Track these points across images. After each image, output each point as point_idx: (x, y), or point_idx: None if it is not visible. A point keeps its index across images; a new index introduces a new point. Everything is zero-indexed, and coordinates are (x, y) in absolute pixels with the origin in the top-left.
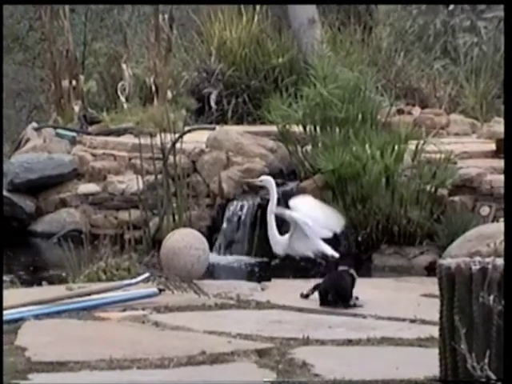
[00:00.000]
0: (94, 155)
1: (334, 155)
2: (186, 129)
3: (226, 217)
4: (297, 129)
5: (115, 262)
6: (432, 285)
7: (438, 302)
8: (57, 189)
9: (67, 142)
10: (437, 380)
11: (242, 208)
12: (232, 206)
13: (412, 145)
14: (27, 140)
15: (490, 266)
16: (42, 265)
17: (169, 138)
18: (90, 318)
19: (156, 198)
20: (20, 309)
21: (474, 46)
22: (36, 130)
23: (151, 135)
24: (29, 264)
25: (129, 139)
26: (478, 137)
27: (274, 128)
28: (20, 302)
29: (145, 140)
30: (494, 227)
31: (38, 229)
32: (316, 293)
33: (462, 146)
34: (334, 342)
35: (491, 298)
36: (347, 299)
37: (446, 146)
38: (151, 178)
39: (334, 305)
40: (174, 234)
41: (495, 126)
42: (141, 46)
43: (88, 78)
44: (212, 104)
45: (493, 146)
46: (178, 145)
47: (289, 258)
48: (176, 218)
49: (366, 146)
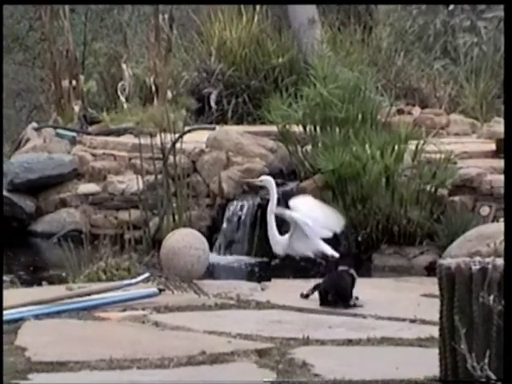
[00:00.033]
0: (94, 155)
1: (334, 155)
2: (186, 129)
3: (225, 217)
4: (297, 129)
5: (115, 262)
6: (432, 285)
7: (437, 301)
8: (57, 189)
9: (67, 142)
10: (437, 380)
11: (241, 208)
12: (232, 206)
13: (412, 145)
14: (27, 140)
15: (489, 266)
16: (42, 265)
17: (169, 137)
18: (90, 318)
19: (156, 198)
20: (20, 309)
21: (474, 46)
22: (36, 129)
23: (151, 135)
24: (29, 264)
25: (129, 139)
26: (478, 137)
27: (274, 128)
28: (20, 301)
29: (145, 140)
30: (494, 227)
31: (38, 229)
32: (316, 293)
33: (462, 145)
34: (334, 342)
35: (491, 298)
36: (347, 299)
37: (446, 146)
38: (151, 178)
39: (333, 305)
40: (174, 234)
41: (495, 126)
42: (141, 45)
43: (88, 78)
44: (212, 104)
45: (493, 146)
46: (178, 145)
47: (289, 258)
48: (176, 218)
49: (366, 145)
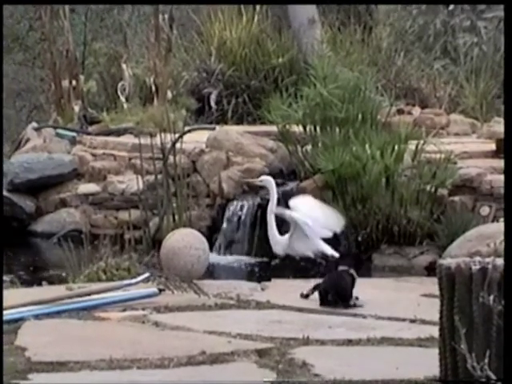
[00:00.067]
0: (94, 155)
1: (334, 155)
2: (186, 129)
3: (225, 217)
4: (297, 129)
5: (115, 262)
6: (432, 285)
7: (437, 301)
8: (57, 189)
9: (67, 142)
10: (437, 380)
11: (241, 208)
12: (232, 205)
13: (412, 145)
14: (27, 140)
15: (489, 266)
16: (42, 265)
17: (169, 137)
18: (90, 318)
19: (156, 198)
20: (20, 309)
21: (474, 46)
22: (36, 129)
23: (151, 135)
24: (29, 264)
25: (129, 139)
26: (478, 137)
27: (274, 128)
28: (20, 301)
29: (145, 140)
30: (494, 227)
31: (37, 229)
32: (316, 293)
33: (462, 145)
34: (334, 342)
35: (491, 298)
36: (347, 299)
37: (446, 146)
38: (151, 178)
39: (333, 305)
40: (174, 234)
41: (495, 126)
42: (141, 45)
43: (88, 78)
44: (212, 104)
45: (493, 146)
46: (178, 145)
47: (289, 258)
48: (176, 218)
49: (366, 145)
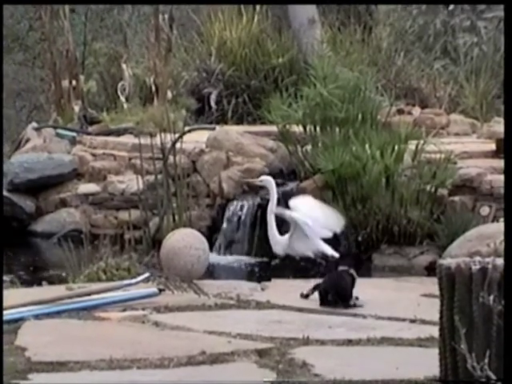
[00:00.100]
0: (93, 155)
1: (334, 155)
2: (186, 129)
3: (226, 217)
4: (297, 129)
5: (115, 262)
6: (432, 285)
7: (438, 301)
8: (57, 189)
9: (67, 142)
10: (437, 380)
11: (242, 208)
12: (232, 205)
13: (412, 145)
14: (27, 140)
15: (490, 266)
16: (42, 265)
17: (169, 137)
18: (90, 318)
19: (156, 198)
20: (20, 309)
21: (474, 46)
22: (36, 129)
23: (151, 135)
24: (29, 264)
25: (129, 139)
26: (478, 137)
27: (274, 128)
28: (20, 301)
29: (145, 140)
30: (494, 227)
31: (38, 229)
32: (316, 293)
33: (462, 145)
34: (334, 342)
35: (491, 297)
36: (347, 299)
37: (446, 146)
38: (151, 177)
39: (333, 305)
40: (174, 234)
41: (495, 126)
42: (141, 46)
43: (88, 78)
44: (212, 104)
45: (493, 146)
46: (178, 145)
47: (289, 258)
48: (176, 218)
49: (366, 145)
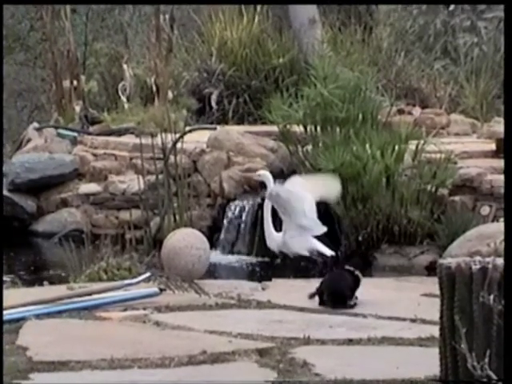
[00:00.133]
0: (95, 155)
1: (335, 155)
2: (187, 129)
3: (226, 217)
4: (297, 129)
5: (116, 261)
6: (432, 284)
7: (438, 301)
8: (58, 189)
9: (68, 142)
10: (437, 380)
11: (242, 208)
12: (233, 205)
13: (412, 145)
14: (28, 140)
15: (490, 266)
16: (43, 265)
17: (170, 138)
18: (91, 318)
19: (157, 198)
20: (21, 308)
21: (474, 46)
22: (37, 130)
23: (152, 135)
24: (30, 264)
25: (130, 139)
26: (478, 137)
27: (274, 128)
28: (21, 301)
29: (146, 140)
30: (494, 227)
31: (39, 229)
32: None
33: (462, 145)
34: (335, 342)
35: (491, 297)
36: (345, 299)
37: (447, 146)
38: (152, 177)
39: (329, 305)
40: (174, 233)
41: (495, 126)
42: (142, 46)
43: (89, 78)
44: (213, 104)
45: (493, 146)
46: (178, 145)
47: (289, 258)
48: (177, 217)
49: (367, 145)
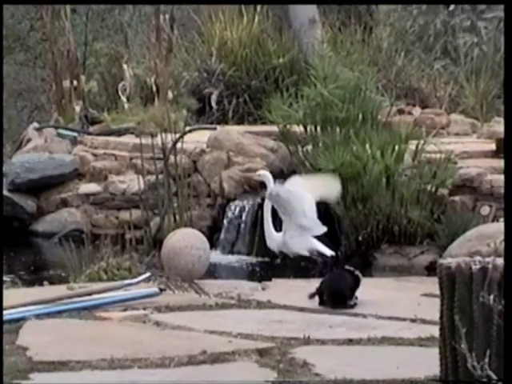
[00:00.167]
0: (95, 155)
1: (335, 155)
2: (187, 129)
3: (226, 216)
4: (297, 129)
5: (116, 261)
6: (432, 284)
7: (438, 301)
8: (58, 189)
9: (68, 142)
10: (437, 380)
11: (242, 208)
12: (233, 205)
13: (412, 145)
14: (28, 140)
15: (490, 266)
16: (43, 265)
17: (170, 138)
18: (91, 318)
19: (157, 198)
20: (21, 308)
21: (475, 46)
22: (37, 130)
23: (152, 135)
24: (30, 264)
25: (130, 139)
26: (478, 137)
27: (274, 128)
28: (21, 301)
29: (146, 140)
30: (494, 227)
31: (39, 229)
32: None
33: (462, 145)
34: (335, 342)
35: (491, 297)
36: (345, 299)
37: (447, 146)
38: (152, 177)
39: (329, 305)
40: (174, 233)
41: (495, 126)
42: (142, 46)
43: (89, 78)
44: (213, 104)
45: (493, 146)
46: (178, 145)
47: (289, 258)
48: (177, 217)
49: (367, 145)
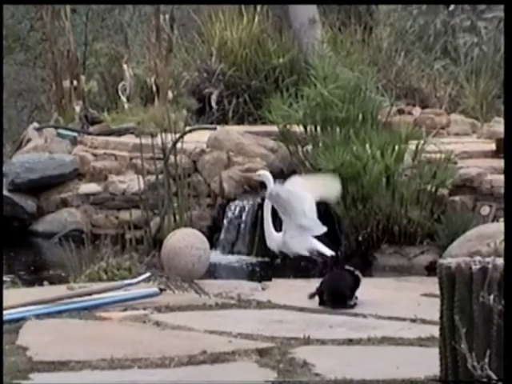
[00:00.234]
0: (95, 155)
1: (335, 155)
2: (187, 129)
3: (226, 216)
4: (297, 129)
5: (116, 261)
6: (432, 284)
7: (438, 301)
8: (58, 189)
9: (68, 142)
10: (437, 380)
11: (242, 208)
12: (233, 205)
13: (412, 145)
14: (28, 140)
15: (490, 266)
16: (43, 265)
17: (170, 138)
18: (91, 318)
19: (157, 198)
20: (21, 308)
21: (474, 46)
22: (37, 130)
23: (152, 135)
24: (30, 264)
25: (130, 139)
26: (478, 137)
27: (274, 128)
28: (21, 301)
29: (146, 140)
30: (494, 227)
31: (39, 229)
32: None
33: (462, 145)
34: (335, 342)
35: (491, 297)
36: (345, 299)
37: (447, 146)
38: (152, 177)
39: (329, 305)
40: (174, 233)
41: (495, 126)
42: (142, 46)
43: (89, 78)
44: (213, 104)
45: (493, 146)
46: (178, 145)
47: (289, 258)
48: (177, 217)
49: (367, 145)
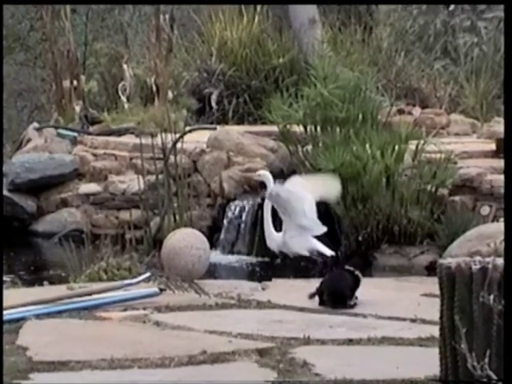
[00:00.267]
0: (95, 155)
1: (335, 155)
2: (187, 129)
3: (226, 216)
4: (297, 129)
5: (116, 261)
6: (432, 284)
7: (438, 301)
8: (58, 189)
9: (68, 142)
10: (437, 380)
11: (242, 208)
12: (233, 205)
13: (412, 145)
14: (28, 140)
15: (490, 266)
16: (43, 265)
17: (170, 138)
18: (91, 318)
19: (157, 198)
20: (21, 308)
21: (475, 46)
22: (37, 130)
23: (152, 135)
24: (30, 264)
25: (130, 139)
26: (478, 137)
27: (274, 128)
28: (21, 301)
29: (146, 140)
30: (494, 227)
31: (39, 229)
32: None
33: (462, 145)
34: (335, 342)
35: (491, 297)
36: (345, 299)
37: (447, 146)
38: (152, 177)
39: (329, 305)
40: (174, 233)
41: (495, 126)
42: (142, 46)
43: (89, 78)
44: (213, 104)
45: (493, 146)
46: (178, 145)
47: (289, 258)
48: (177, 217)
49: (367, 145)
